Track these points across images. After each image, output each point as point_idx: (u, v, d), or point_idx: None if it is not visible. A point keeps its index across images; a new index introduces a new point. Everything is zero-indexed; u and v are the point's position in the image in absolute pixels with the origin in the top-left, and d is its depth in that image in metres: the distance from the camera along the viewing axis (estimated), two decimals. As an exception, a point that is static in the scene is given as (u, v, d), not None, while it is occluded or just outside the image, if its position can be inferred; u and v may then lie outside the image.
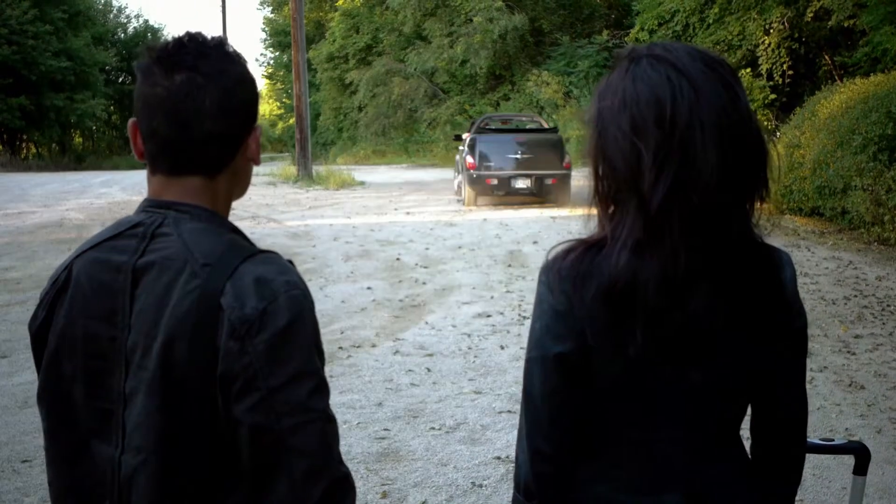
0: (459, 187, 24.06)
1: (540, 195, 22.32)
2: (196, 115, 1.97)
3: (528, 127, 26.03)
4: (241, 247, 1.97)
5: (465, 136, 24.88)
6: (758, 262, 2.03)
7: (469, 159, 22.34)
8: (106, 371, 1.97)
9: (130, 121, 2.05)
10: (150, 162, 2.04)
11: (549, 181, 22.10)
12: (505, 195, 22.44)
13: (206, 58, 2.00)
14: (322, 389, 1.91)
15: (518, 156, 22.30)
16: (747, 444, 2.23)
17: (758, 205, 2.04)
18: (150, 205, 2.04)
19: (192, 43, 2.01)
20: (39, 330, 2.07)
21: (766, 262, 2.06)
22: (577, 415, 2.05)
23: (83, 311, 2.00)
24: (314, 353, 1.92)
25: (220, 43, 2.04)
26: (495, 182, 22.15)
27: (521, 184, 22.14)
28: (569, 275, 1.96)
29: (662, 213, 1.86)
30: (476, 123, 25.33)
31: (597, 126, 1.97)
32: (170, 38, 2.05)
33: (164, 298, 1.91)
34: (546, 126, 25.72)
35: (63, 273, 2.06)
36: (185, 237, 1.96)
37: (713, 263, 1.91)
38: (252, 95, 2.07)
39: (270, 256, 1.98)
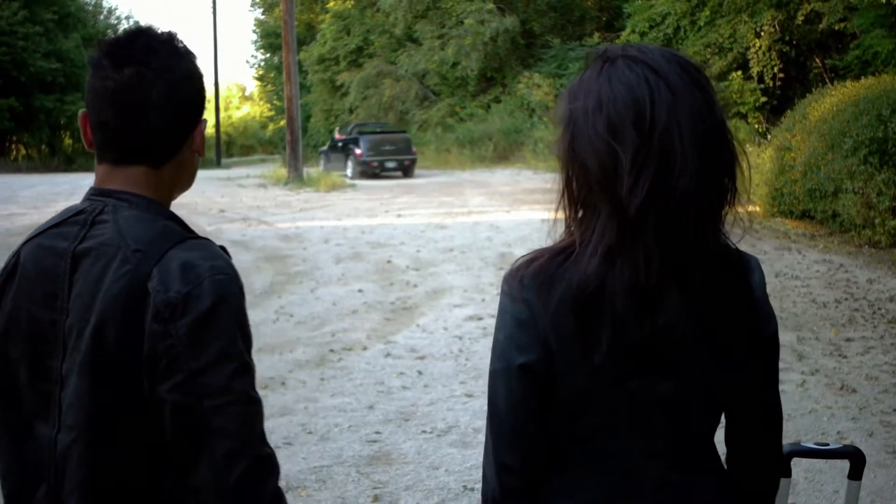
0: (350, 168, 36.36)
1: (402, 172, 35.69)
2: (143, 108, 2.05)
3: (389, 129, 40.41)
4: (172, 233, 2.04)
5: (338, 136, 40.33)
6: (728, 267, 1.98)
7: (357, 150, 35.38)
8: (47, 353, 2.03)
9: (81, 112, 2.12)
10: (97, 152, 2.13)
11: (406, 163, 35.96)
12: (381, 172, 35.31)
13: (155, 53, 2.07)
14: (244, 371, 1.97)
15: (386, 148, 35.97)
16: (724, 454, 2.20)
17: (729, 209, 1.99)
18: (93, 193, 2.12)
19: (142, 38, 2.09)
20: None
21: (736, 268, 2.01)
22: (543, 427, 1.97)
23: (28, 295, 2.07)
24: (238, 337, 1.97)
25: (171, 38, 2.13)
26: (375, 164, 35.42)
27: (390, 164, 35.69)
28: (532, 283, 1.90)
29: (638, 218, 1.81)
30: (349, 128, 40.23)
31: (569, 126, 1.92)
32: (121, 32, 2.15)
33: (98, 283, 1.98)
34: (400, 129, 41.07)
35: (12, 259, 2.13)
36: (121, 224, 2.03)
37: (685, 270, 1.86)
38: (199, 90, 2.16)
39: (201, 242, 2.05)
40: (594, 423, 1.97)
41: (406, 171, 35.81)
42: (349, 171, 36.13)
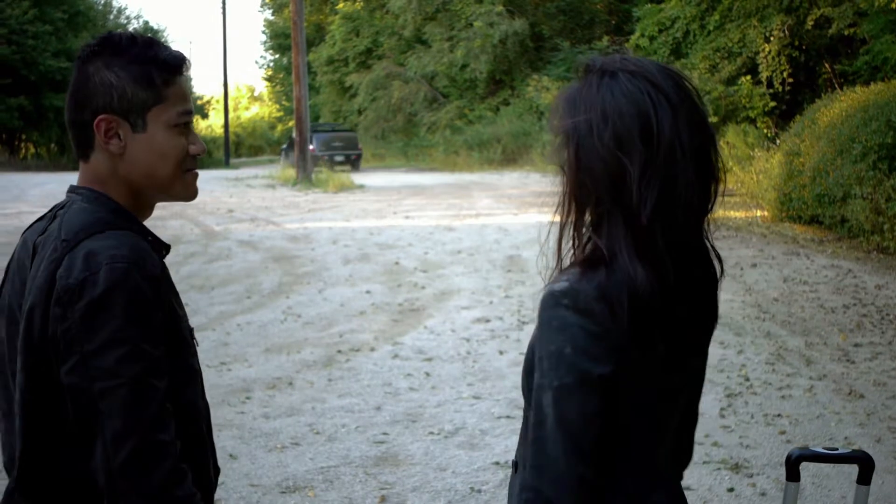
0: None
1: (350, 165, 40.93)
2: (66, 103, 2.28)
3: (339, 128, 47.39)
4: (96, 223, 2.15)
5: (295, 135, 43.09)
6: (711, 265, 2.13)
7: (310, 146, 35.60)
8: (14, 336, 2.18)
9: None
10: None
11: (353, 157, 42.17)
12: (331, 165, 38.79)
13: (83, 51, 2.27)
14: (134, 357, 2.03)
15: (336, 144, 42.23)
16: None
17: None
18: (69, 189, 2.30)
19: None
20: None
21: (710, 263, 2.14)
22: (612, 435, 2.01)
23: (12, 284, 2.26)
24: (131, 323, 2.04)
25: (104, 38, 2.28)
26: (326, 158, 39.93)
27: (339, 158, 41.20)
28: (600, 295, 1.94)
29: (650, 225, 1.92)
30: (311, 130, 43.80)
31: (573, 138, 2.01)
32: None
33: (36, 271, 2.14)
34: (348, 128, 49.44)
35: (13, 251, 2.34)
36: (65, 216, 2.19)
37: (689, 270, 2.01)
38: (101, 83, 2.22)
39: (116, 233, 2.14)
40: (641, 425, 2.05)
41: (353, 164, 41.81)
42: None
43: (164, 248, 2.32)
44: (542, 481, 1.95)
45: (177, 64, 2.27)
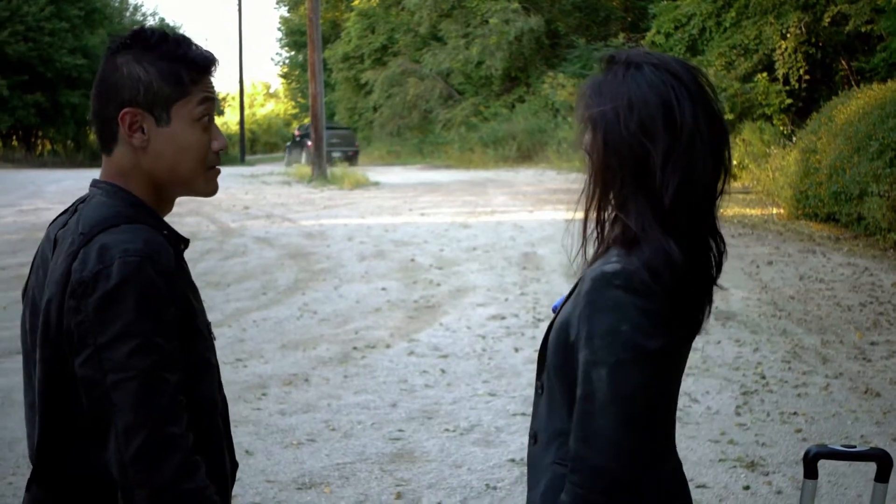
0: (304, 158, 41.35)
1: (347, 161, 40.40)
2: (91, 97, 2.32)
3: (336, 126, 48.58)
4: (113, 217, 2.17)
5: (297, 133, 48.24)
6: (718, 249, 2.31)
7: (309, 143, 37.19)
8: (35, 328, 2.21)
9: None
10: None
11: (350, 153, 42.90)
12: (329, 161, 37.01)
13: (109, 47, 2.29)
14: (146, 350, 2.05)
15: (333, 141, 41.29)
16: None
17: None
18: (91, 183, 2.33)
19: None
20: (24, 294, 2.37)
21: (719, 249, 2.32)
22: (661, 406, 2.21)
23: (35, 276, 2.30)
24: (143, 316, 2.06)
25: (134, 33, 2.29)
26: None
27: (336, 154, 40.55)
28: (648, 272, 2.08)
29: (672, 209, 2.10)
30: (305, 126, 45.64)
31: (600, 125, 2.17)
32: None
33: (55, 264, 2.17)
34: (345, 126, 51.47)
35: (39, 245, 2.38)
36: (84, 210, 2.23)
37: (701, 253, 2.21)
38: (127, 77, 2.24)
39: (131, 227, 2.16)
40: (671, 393, 2.26)
41: (350, 159, 42.57)
42: (303, 160, 42.54)
43: (183, 242, 2.33)
44: (591, 451, 2.07)
45: (206, 64, 2.29)
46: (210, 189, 2.38)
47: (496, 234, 17.43)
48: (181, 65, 2.24)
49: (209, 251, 15.65)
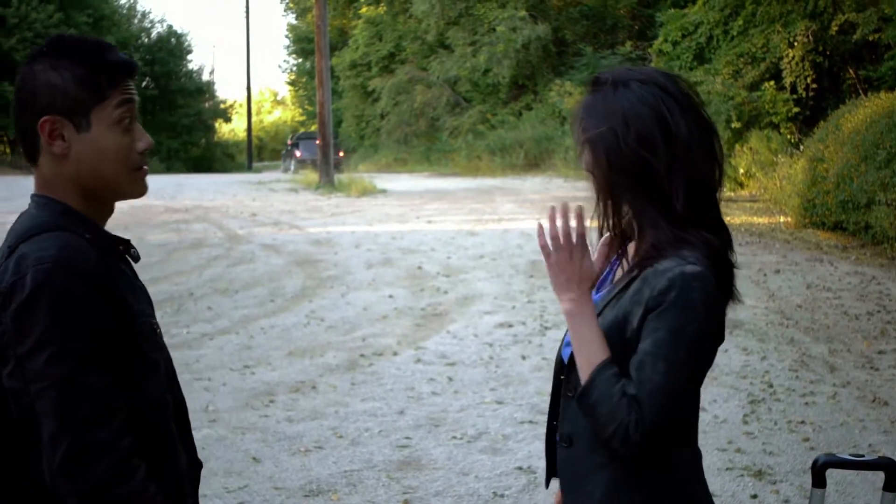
0: (293, 165, 46.76)
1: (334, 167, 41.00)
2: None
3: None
4: (35, 227, 2.19)
5: (289, 142, 53.76)
6: None
7: (297, 152, 46.41)
8: None
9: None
10: None
11: (334, 161, 40.44)
12: (314, 167, 38.77)
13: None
14: (62, 356, 2.05)
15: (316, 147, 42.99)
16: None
17: None
18: (30, 196, 2.34)
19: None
20: None
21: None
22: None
23: None
24: (56, 323, 2.05)
25: (50, 40, 2.30)
26: (308, 161, 43.46)
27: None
28: (711, 278, 2.25)
29: (686, 212, 2.26)
30: (295, 135, 54.12)
31: (599, 145, 2.30)
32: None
33: None
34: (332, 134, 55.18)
35: None
36: (14, 223, 2.25)
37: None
38: (43, 85, 2.22)
39: (49, 235, 2.16)
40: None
41: (335, 167, 45.44)
42: (292, 167, 47.62)
43: (121, 243, 2.34)
44: (652, 387, 2.19)
45: (123, 66, 2.28)
46: (138, 190, 2.37)
47: (503, 241, 17.43)
48: (97, 69, 2.23)
49: (217, 258, 15.68)
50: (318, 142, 47.78)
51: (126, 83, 2.28)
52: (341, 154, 47.08)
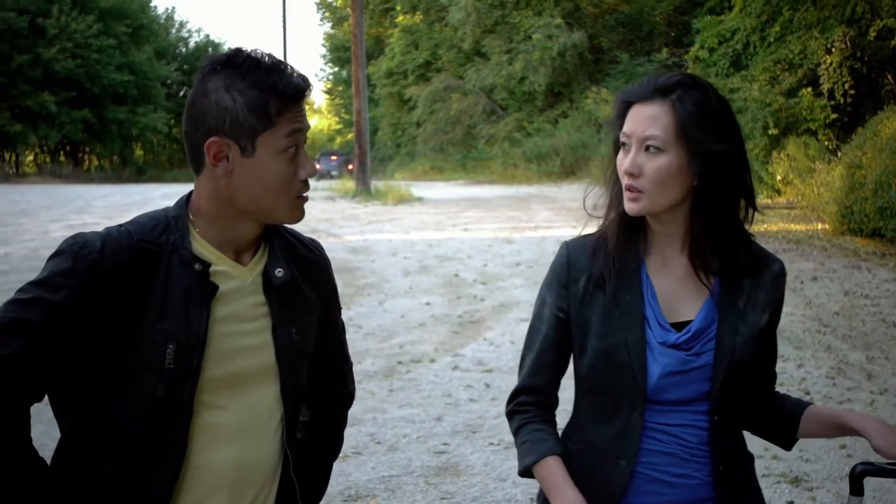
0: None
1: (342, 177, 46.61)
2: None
3: (335, 151, 61.97)
4: (133, 221, 2.35)
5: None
6: None
7: (317, 165, 45.55)
8: None
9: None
10: None
11: (344, 172, 49.66)
12: (330, 178, 47.98)
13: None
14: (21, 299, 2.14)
15: (332, 162, 55.02)
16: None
17: None
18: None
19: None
20: None
21: None
22: None
23: None
24: (36, 284, 2.16)
25: (220, 56, 2.29)
26: (324, 171, 51.06)
27: (335, 174, 50.97)
28: None
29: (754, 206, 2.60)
30: (320, 152, 61.34)
31: (715, 161, 2.50)
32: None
33: None
34: (342, 150, 61.86)
35: None
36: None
37: None
38: (212, 104, 2.22)
39: (114, 226, 2.31)
40: None
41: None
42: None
43: (199, 263, 2.28)
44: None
45: (295, 94, 2.25)
46: (295, 217, 2.41)
47: (540, 249, 17.45)
48: (270, 95, 2.21)
49: (255, 266, 15.75)
50: (333, 157, 57.29)
51: (297, 110, 2.27)
52: (350, 167, 46.07)
